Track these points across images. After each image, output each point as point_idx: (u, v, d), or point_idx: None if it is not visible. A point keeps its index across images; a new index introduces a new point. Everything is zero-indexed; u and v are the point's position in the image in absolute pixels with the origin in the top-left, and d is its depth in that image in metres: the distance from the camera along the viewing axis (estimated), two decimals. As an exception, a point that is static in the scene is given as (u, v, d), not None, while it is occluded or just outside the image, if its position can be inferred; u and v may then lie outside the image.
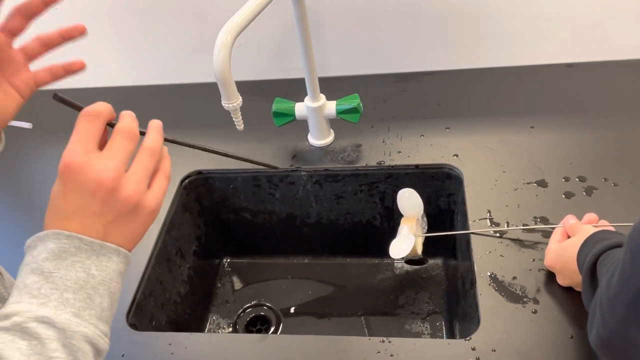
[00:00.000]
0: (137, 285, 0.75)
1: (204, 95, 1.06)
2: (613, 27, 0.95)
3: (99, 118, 0.43)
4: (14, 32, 0.48)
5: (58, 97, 0.44)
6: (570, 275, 0.63)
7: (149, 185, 0.44)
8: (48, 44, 0.50)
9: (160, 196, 0.45)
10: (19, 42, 0.49)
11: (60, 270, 0.39)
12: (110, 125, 0.45)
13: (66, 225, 0.40)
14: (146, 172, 0.44)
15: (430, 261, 0.98)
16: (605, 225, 0.66)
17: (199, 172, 0.92)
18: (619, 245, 0.52)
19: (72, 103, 0.44)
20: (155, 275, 0.79)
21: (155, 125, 0.48)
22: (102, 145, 0.43)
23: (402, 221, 0.80)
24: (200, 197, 0.94)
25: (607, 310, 0.42)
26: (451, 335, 0.86)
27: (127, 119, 0.45)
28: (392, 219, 0.94)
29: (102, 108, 0.43)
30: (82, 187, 0.40)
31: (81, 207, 0.40)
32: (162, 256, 0.82)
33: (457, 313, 0.83)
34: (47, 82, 0.51)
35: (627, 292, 0.39)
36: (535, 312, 0.64)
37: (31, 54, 0.50)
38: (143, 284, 0.75)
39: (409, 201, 0.78)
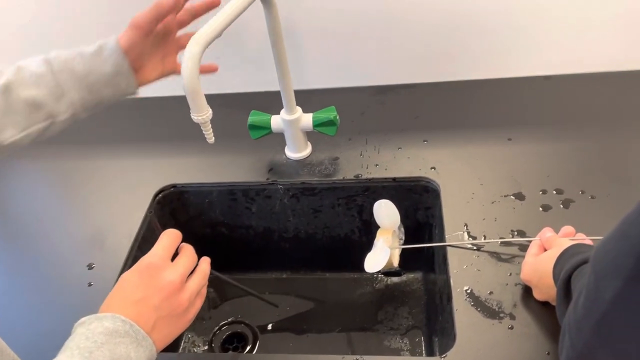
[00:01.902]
0: (105, 304, 0.72)
1: (179, 107, 1.04)
2: (589, 40, 0.96)
3: (177, 239, 0.58)
4: (181, 25, 0.70)
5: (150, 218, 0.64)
6: (546, 289, 0.62)
7: None
8: (194, 13, 0.69)
9: (197, 311, 0.57)
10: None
11: (110, 344, 0.47)
12: None
13: (125, 310, 0.50)
14: (198, 288, 0.56)
15: (410, 275, 0.97)
16: (582, 238, 0.66)
17: (174, 186, 0.90)
18: (592, 259, 0.51)
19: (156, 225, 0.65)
20: (125, 293, 0.77)
21: (207, 259, 0.61)
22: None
23: (378, 233, 0.79)
24: (174, 211, 0.92)
25: (574, 332, 0.41)
26: (430, 351, 0.84)
27: (190, 246, 0.59)
28: (370, 233, 0.93)
29: (179, 233, 0.59)
30: (154, 282, 0.52)
31: (145, 299, 0.51)
32: (133, 273, 0.79)
33: (436, 329, 0.81)
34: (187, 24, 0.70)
35: (592, 315, 0.38)
36: (511, 327, 0.63)
37: (181, 24, 0.70)
38: (111, 302, 0.73)
39: (386, 212, 0.77)
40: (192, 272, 0.57)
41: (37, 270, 0.80)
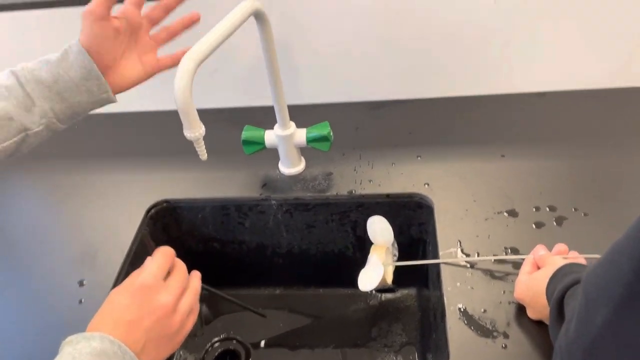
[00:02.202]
0: (96, 321, 0.71)
1: (171, 122, 1.04)
2: (582, 57, 0.97)
3: (171, 258, 0.57)
4: (153, 21, 0.67)
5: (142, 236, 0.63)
6: (540, 308, 0.62)
7: None
8: (167, 9, 0.67)
9: (188, 331, 0.56)
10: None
11: None
12: None
13: (115, 330, 0.49)
14: (190, 307, 0.55)
15: (404, 291, 0.97)
16: (575, 256, 0.66)
17: (166, 202, 0.89)
18: (586, 280, 0.51)
19: (149, 243, 0.63)
20: (116, 310, 0.76)
21: (197, 273, 0.60)
22: None
23: (372, 249, 0.78)
24: (167, 227, 0.91)
25: (566, 355, 0.41)
26: (424, 369, 0.84)
27: (183, 264, 0.58)
28: (364, 249, 0.92)
29: (172, 251, 0.58)
30: (147, 304, 0.51)
31: (136, 320, 0.50)
32: (124, 289, 0.79)
33: (430, 346, 0.81)
34: (166, 42, 0.68)
35: (583, 339, 0.38)
36: (505, 347, 0.62)
37: (157, 40, 0.68)
38: (102, 320, 0.72)
39: (379, 228, 0.77)
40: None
41: (26, 286, 0.79)
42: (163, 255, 0.56)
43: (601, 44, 0.95)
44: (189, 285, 0.57)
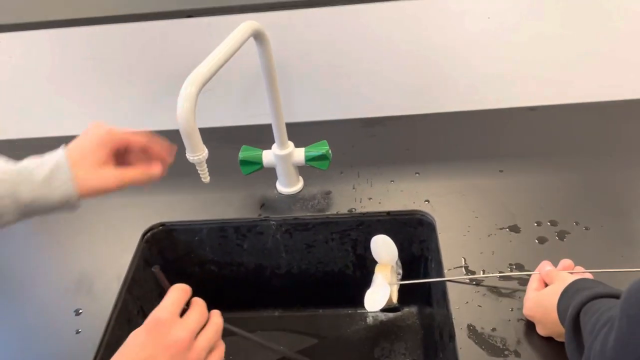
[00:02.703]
0: (95, 353, 0.69)
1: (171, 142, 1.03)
2: (573, 71, 0.98)
3: (186, 293, 0.54)
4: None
5: (155, 271, 0.58)
6: (550, 325, 0.61)
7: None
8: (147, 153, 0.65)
9: None
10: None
11: None
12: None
13: None
14: (210, 344, 0.53)
15: (405, 309, 0.96)
16: (581, 271, 0.66)
17: (162, 225, 0.87)
18: (602, 296, 0.51)
19: (163, 280, 0.58)
20: (115, 339, 0.73)
21: (217, 312, 0.58)
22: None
23: (377, 269, 0.78)
24: (163, 250, 0.89)
25: None
26: (430, 388, 0.83)
27: (202, 301, 0.56)
28: (364, 267, 0.92)
29: (188, 287, 0.55)
30: (162, 339, 0.49)
31: (151, 357, 0.48)
32: (122, 317, 0.76)
33: (436, 365, 0.80)
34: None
35: (626, 359, 0.37)
36: (517, 365, 0.62)
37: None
38: (101, 351, 0.70)
39: (383, 247, 0.76)
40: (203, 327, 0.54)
41: (21, 318, 0.76)
42: (177, 291, 0.54)
43: (588, 58, 0.97)
44: (210, 321, 0.55)
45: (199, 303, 0.55)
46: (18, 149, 1.10)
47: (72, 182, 0.57)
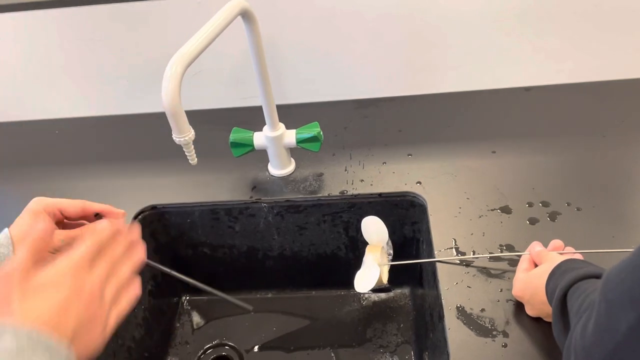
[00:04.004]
0: (85, 334, 0.69)
1: (158, 125, 1.02)
2: (567, 51, 0.97)
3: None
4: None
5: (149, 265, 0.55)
6: (539, 305, 0.61)
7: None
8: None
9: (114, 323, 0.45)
10: None
11: None
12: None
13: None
14: (113, 295, 0.44)
15: (397, 290, 0.96)
16: (571, 252, 0.65)
17: (154, 207, 0.87)
18: (589, 276, 0.51)
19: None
20: (105, 321, 0.73)
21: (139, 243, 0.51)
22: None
23: (367, 250, 0.78)
24: (155, 233, 0.89)
25: (582, 358, 0.40)
26: (421, 368, 0.83)
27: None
28: (357, 249, 0.92)
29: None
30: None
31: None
32: (113, 299, 0.76)
33: (427, 345, 0.80)
34: None
35: (604, 344, 0.37)
36: (505, 345, 0.62)
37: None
38: (91, 332, 0.70)
39: (374, 229, 0.76)
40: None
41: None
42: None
43: (583, 38, 0.95)
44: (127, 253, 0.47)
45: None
46: (8, 132, 1.10)
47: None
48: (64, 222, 0.58)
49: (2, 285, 0.39)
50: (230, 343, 0.92)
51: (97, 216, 0.58)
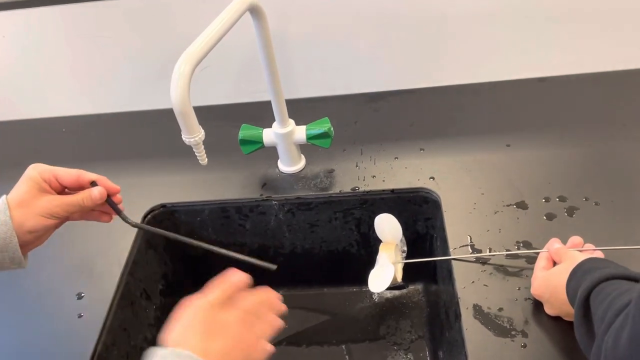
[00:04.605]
0: (98, 337, 0.68)
1: (167, 122, 1.01)
2: (584, 40, 0.94)
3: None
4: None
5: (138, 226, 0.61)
6: (559, 305, 0.60)
7: None
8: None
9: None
10: None
11: None
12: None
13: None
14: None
15: (411, 287, 0.95)
16: (591, 249, 0.64)
17: (163, 206, 0.86)
18: (613, 277, 0.49)
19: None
20: (117, 322, 0.73)
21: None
22: None
23: (381, 248, 0.76)
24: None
25: None
26: (436, 366, 0.82)
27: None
28: (369, 246, 0.91)
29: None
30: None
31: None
32: (125, 300, 0.76)
33: (442, 344, 0.79)
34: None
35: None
36: (524, 346, 0.60)
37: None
38: (104, 335, 0.69)
39: (387, 226, 0.75)
40: None
41: (23, 302, 0.75)
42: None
43: (599, 27, 0.93)
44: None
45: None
46: (11, 131, 1.09)
47: (10, 226, 0.54)
48: (63, 191, 0.60)
49: (191, 316, 0.47)
50: (242, 341, 0.92)
51: (93, 184, 0.59)
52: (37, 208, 0.56)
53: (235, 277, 0.53)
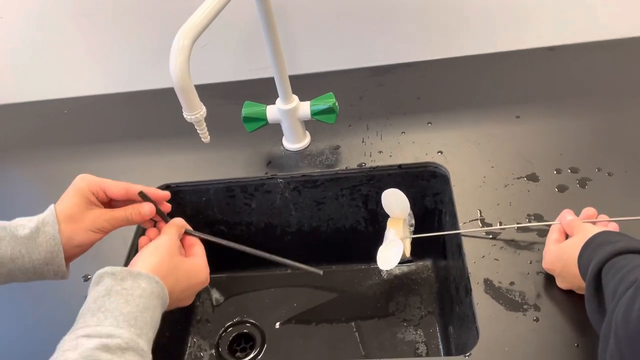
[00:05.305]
0: (105, 318, 0.68)
1: (168, 101, 0.99)
2: (593, 7, 0.91)
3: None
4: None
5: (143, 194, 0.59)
6: (571, 279, 0.59)
7: None
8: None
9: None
10: None
11: (149, 310, 0.48)
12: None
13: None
14: None
15: (419, 262, 0.94)
16: (605, 219, 0.62)
17: (167, 186, 0.85)
18: (626, 251, 0.47)
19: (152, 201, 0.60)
20: (125, 304, 0.73)
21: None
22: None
23: (389, 223, 0.75)
24: (170, 212, 0.87)
25: (626, 345, 0.38)
26: (446, 342, 0.81)
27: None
28: (377, 222, 0.89)
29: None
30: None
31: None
32: (132, 281, 0.75)
33: (452, 319, 0.78)
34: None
35: None
36: (537, 319, 0.59)
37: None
38: (111, 316, 0.69)
39: (395, 202, 0.73)
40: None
41: (29, 285, 0.75)
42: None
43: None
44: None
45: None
46: (16, 114, 1.08)
47: (58, 240, 0.53)
48: (110, 203, 0.60)
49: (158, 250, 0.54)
50: (251, 320, 0.91)
51: (141, 194, 0.58)
52: (86, 223, 0.55)
53: (180, 222, 0.62)
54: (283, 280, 0.96)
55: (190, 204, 0.87)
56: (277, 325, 0.90)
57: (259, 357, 0.87)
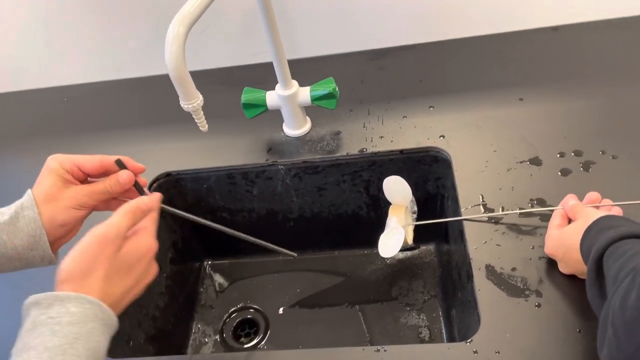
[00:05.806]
0: (108, 308, 0.68)
1: (167, 88, 0.98)
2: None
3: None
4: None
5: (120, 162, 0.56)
6: (573, 264, 0.58)
7: None
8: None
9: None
10: None
11: (82, 338, 0.42)
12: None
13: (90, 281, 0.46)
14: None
15: (422, 247, 0.94)
16: (609, 204, 0.62)
17: (168, 174, 0.85)
18: (629, 236, 0.47)
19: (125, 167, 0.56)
20: (128, 293, 0.73)
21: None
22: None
23: (390, 210, 0.75)
24: (172, 200, 0.87)
25: (623, 333, 0.37)
26: (449, 326, 0.82)
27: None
28: (378, 208, 0.89)
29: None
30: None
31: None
32: (134, 270, 0.75)
33: (455, 303, 0.78)
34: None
35: None
36: (538, 305, 0.59)
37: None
38: (114, 305, 0.69)
39: (396, 188, 0.73)
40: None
41: (33, 274, 0.75)
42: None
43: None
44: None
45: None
46: (15, 102, 1.07)
47: (39, 223, 0.51)
48: (87, 180, 0.57)
49: (94, 249, 0.46)
50: (254, 306, 0.92)
51: (118, 162, 0.56)
52: (66, 200, 0.53)
53: (142, 202, 0.53)
54: (286, 266, 0.96)
55: (191, 191, 0.87)
56: (281, 310, 0.91)
57: (263, 342, 0.87)
